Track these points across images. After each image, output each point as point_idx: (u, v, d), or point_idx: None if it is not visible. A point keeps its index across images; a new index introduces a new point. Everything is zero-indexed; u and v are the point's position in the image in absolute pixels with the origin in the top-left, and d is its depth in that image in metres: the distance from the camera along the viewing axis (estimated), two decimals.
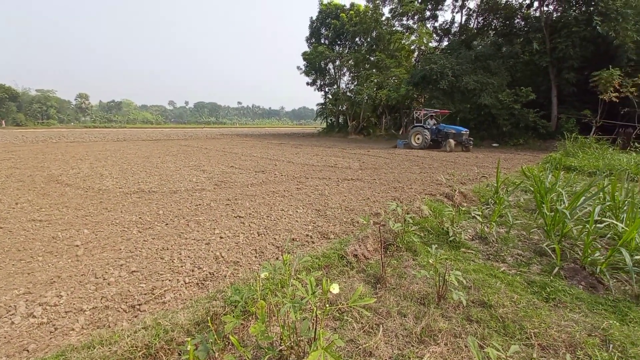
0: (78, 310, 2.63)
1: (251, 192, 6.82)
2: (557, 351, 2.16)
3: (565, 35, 19.38)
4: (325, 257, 3.27)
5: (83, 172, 9.48)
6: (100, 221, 4.90)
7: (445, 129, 18.24)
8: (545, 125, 20.37)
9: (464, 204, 5.73)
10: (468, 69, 22.10)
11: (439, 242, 4.04)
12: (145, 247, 3.89)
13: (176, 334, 2.07)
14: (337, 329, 2.37)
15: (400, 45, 30.54)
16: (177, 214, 5.28)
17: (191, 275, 3.18)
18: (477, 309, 2.60)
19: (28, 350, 2.20)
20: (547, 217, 4.00)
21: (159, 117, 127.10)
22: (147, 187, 7.30)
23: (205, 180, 8.24)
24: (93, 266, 3.40)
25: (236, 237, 4.19)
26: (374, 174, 9.30)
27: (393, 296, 2.78)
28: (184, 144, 21.61)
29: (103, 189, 7.15)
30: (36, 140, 23.49)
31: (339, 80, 36.67)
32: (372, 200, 6.05)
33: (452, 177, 8.15)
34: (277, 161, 12.25)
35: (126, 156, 13.78)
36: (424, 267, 3.29)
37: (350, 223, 4.71)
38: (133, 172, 9.55)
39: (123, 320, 2.49)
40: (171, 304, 2.68)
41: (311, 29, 37.41)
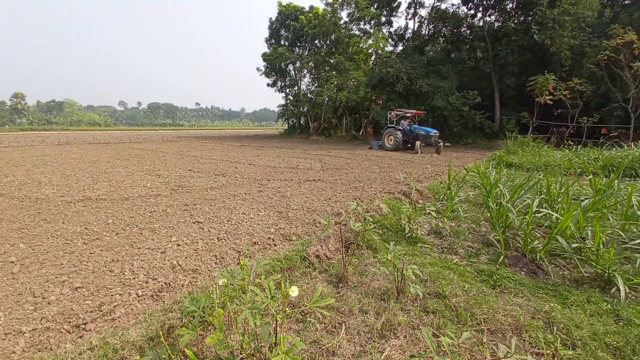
0: (17, 332, 2.36)
1: (211, 196, 6.58)
2: (505, 334, 2.34)
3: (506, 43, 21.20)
4: (287, 259, 3.26)
5: (18, 179, 8.52)
6: (38, 234, 4.45)
7: (415, 130, 18.03)
8: (490, 125, 22.12)
9: (420, 200, 6.02)
10: (421, 73, 23.33)
11: (398, 238, 4.20)
12: (91, 260, 3.60)
13: (127, 352, 1.94)
14: (300, 330, 2.37)
15: (358, 49, 31.38)
16: (129, 222, 4.95)
17: (145, 287, 3.00)
18: (433, 300, 2.74)
19: None
20: (492, 210, 4.33)
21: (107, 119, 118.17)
22: (94, 195, 6.75)
23: (160, 185, 7.81)
24: (31, 284, 3.08)
25: (195, 244, 4.03)
26: (336, 175, 9.44)
27: (355, 294, 2.84)
28: (136, 147, 20.28)
29: (42, 198, 6.49)
30: None
31: (299, 82, 36.71)
32: (334, 201, 6.14)
33: (409, 176, 8.52)
34: (238, 164, 11.96)
35: (69, 161, 12.62)
36: (384, 263, 3.40)
37: (312, 224, 4.74)
38: (77, 178, 8.77)
39: (66, 341, 2.28)
40: (122, 320, 2.51)
41: (270, 29, 37.08)
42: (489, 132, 22.16)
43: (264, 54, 34.97)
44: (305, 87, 36.77)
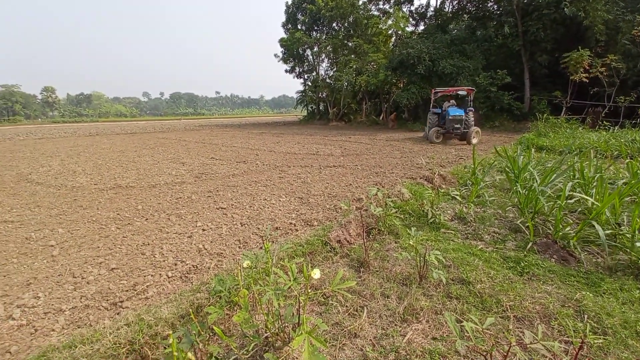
0: (57, 310, 2.56)
1: (233, 183, 6.73)
2: (532, 322, 2.29)
3: (536, 18, 19.79)
4: (309, 244, 3.30)
5: (54, 169, 9.05)
6: (75, 219, 4.73)
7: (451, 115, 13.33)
8: (519, 107, 20.98)
9: (443, 186, 5.88)
10: (444, 53, 22.31)
11: (420, 224, 4.14)
12: (124, 244, 3.80)
13: (160, 328, 2.06)
14: (322, 313, 2.42)
15: (378, 30, 30.35)
16: (157, 208, 5.16)
17: (174, 269, 3.15)
18: (457, 286, 2.71)
19: (10, 352, 2.13)
20: (520, 195, 4.17)
21: (133, 110, 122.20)
22: (124, 182, 7.07)
23: (185, 172, 8.06)
24: (70, 265, 3.30)
25: (219, 229, 4.16)
26: (356, 160, 9.36)
27: (376, 278, 2.85)
28: (161, 136, 20.93)
29: (77, 186, 6.87)
30: (2, 138, 22.11)
31: (317, 67, 36.18)
32: (355, 186, 6.11)
33: (432, 161, 8.32)
34: (258, 151, 12.10)
35: (100, 151, 13.24)
36: (406, 249, 3.38)
37: (333, 209, 4.76)
38: (108, 167, 9.20)
39: (105, 318, 2.44)
40: (154, 299, 2.65)
41: (287, 14, 36.49)
42: (517, 113, 21.06)
43: (281, 40, 34.60)
44: (324, 72, 36.22)
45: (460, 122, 13.25)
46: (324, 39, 32.75)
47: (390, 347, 2.04)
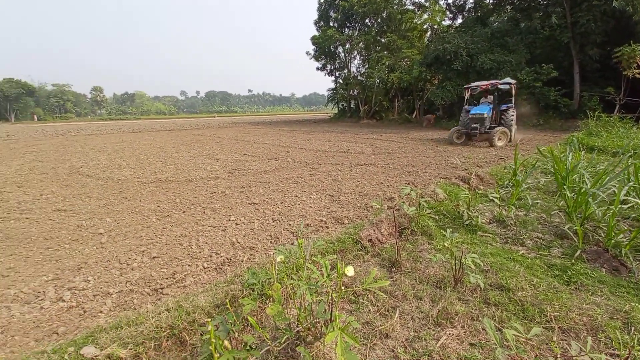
0: (105, 293, 2.75)
1: (265, 179, 6.87)
2: (578, 334, 2.13)
3: (586, 9, 18.23)
4: (340, 241, 3.29)
5: (102, 163, 9.75)
6: (120, 210, 5.07)
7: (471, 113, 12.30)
8: (567, 103, 19.48)
9: (481, 187, 5.61)
10: (484, 47, 21.19)
11: (455, 225, 3.99)
12: (164, 234, 4.01)
13: (197, 315, 2.15)
14: (353, 311, 2.40)
15: (412, 25, 29.53)
16: (194, 201, 5.39)
17: (209, 261, 3.27)
18: (495, 292, 2.58)
19: (57, 333, 2.32)
20: (568, 198, 3.88)
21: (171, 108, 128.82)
22: (164, 177, 7.46)
23: (219, 168, 8.35)
24: (117, 252, 3.54)
25: (251, 224, 4.26)
26: (388, 159, 9.19)
27: (409, 279, 2.79)
28: (196, 133, 21.85)
29: (122, 179, 7.35)
30: (56, 134, 24.22)
31: (349, 64, 35.93)
32: (386, 185, 6.00)
33: (469, 160, 7.97)
34: (289, 148, 12.26)
35: (142, 147, 14.07)
36: (440, 250, 3.27)
37: (364, 208, 4.71)
38: (149, 162, 9.76)
39: (147, 302, 2.59)
40: (191, 288, 2.77)
41: (319, 11, 36.50)
42: (565, 111, 19.56)
43: (313, 37, 34.71)
44: (355, 69, 35.91)
45: (481, 122, 11.92)
46: (356, 36, 32.44)
47: (423, 351, 1.98)
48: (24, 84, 75.54)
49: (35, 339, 2.27)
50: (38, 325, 2.40)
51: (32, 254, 3.59)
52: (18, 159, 11.09)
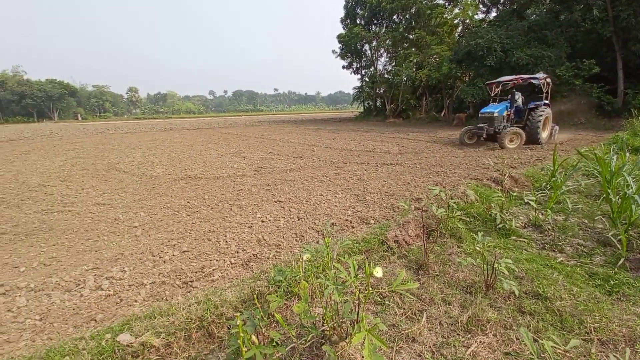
0: (139, 284, 2.88)
1: (290, 178, 6.93)
2: (617, 346, 1.98)
3: (626, 3, 16.83)
4: (366, 241, 3.25)
5: (137, 160, 10.26)
6: (153, 205, 5.30)
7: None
8: (611, 101, 18.12)
9: (515, 189, 5.34)
10: (520, 42, 20.11)
11: (486, 229, 3.82)
12: (194, 229, 4.15)
13: (225, 309, 2.20)
14: (379, 313, 2.36)
15: (442, 20, 28.57)
16: (221, 198, 5.53)
17: (236, 256, 3.34)
18: (531, 301, 2.44)
19: (95, 320, 2.45)
20: (613, 203, 3.60)
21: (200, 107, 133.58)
22: (193, 174, 7.72)
23: (245, 166, 8.53)
24: (150, 245, 3.70)
25: (277, 221, 4.31)
26: (414, 158, 8.98)
27: (437, 283, 2.70)
28: (224, 131, 22.46)
29: (154, 175, 7.69)
30: (95, 132, 25.78)
31: (376, 62, 35.47)
32: (413, 185, 5.87)
33: (501, 161, 7.62)
34: (314, 147, 12.30)
35: (173, 145, 14.65)
36: (470, 254, 3.14)
37: (390, 208, 4.62)
38: (180, 159, 10.14)
39: (178, 294, 2.69)
40: (219, 282, 2.85)
41: (346, 9, 36.31)
42: (608, 109, 18.21)
43: (339, 35, 34.60)
44: (382, 67, 35.40)
45: (490, 121, 11.03)
46: (383, 33, 31.95)
47: (452, 357, 1.92)
48: (67, 85, 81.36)
49: (74, 325, 2.41)
50: (77, 312, 2.56)
51: (73, 245, 3.83)
52: (61, 155, 11.91)
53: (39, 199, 5.82)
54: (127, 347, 1.88)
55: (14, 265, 3.33)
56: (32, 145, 16.37)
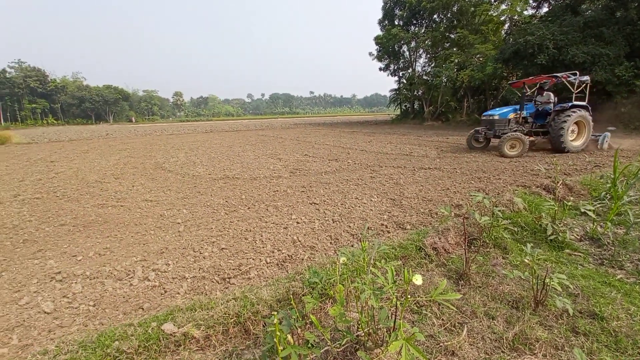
0: (182, 277, 3.04)
1: (325, 180, 6.95)
2: None
3: None
4: (402, 247, 3.16)
5: (180, 160, 10.87)
6: (194, 203, 5.57)
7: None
8: None
9: (570, 198, 4.91)
10: (575, 38, 18.55)
11: (536, 240, 3.56)
12: (231, 228, 4.30)
13: (261, 307, 2.24)
14: (415, 322, 2.28)
15: (487, 18, 27.20)
16: (258, 199, 5.68)
17: (271, 256, 3.40)
18: (585, 320, 2.23)
19: (143, 308, 2.62)
20: None
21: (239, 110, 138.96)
22: (231, 174, 8.01)
23: (281, 168, 8.69)
24: (191, 241, 3.89)
25: (312, 223, 4.33)
26: (454, 163, 8.61)
27: (479, 295, 2.55)
28: (261, 134, 23.11)
29: (196, 175, 8.09)
30: (144, 133, 27.73)
31: (414, 63, 34.63)
32: (453, 191, 5.62)
33: (554, 167, 7.05)
34: (350, 149, 12.24)
35: (213, 146, 15.34)
36: (517, 267, 2.94)
37: (428, 214, 4.46)
38: (219, 160, 10.59)
39: (216, 290, 2.80)
40: (255, 281, 2.92)
41: (384, 10, 35.86)
42: None
43: (377, 37, 34.23)
44: (421, 68, 34.49)
45: (491, 125, 10.45)
46: (422, 33, 31.13)
47: None
48: (121, 90, 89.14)
49: (123, 312, 2.59)
50: (127, 300, 2.75)
51: (124, 237, 4.13)
52: (115, 155, 12.95)
53: (95, 194, 6.36)
54: (170, 336, 1.99)
55: (72, 254, 3.66)
56: (90, 145, 17.98)
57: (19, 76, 75.22)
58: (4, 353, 2.15)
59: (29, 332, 2.37)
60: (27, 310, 2.63)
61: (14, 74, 75.59)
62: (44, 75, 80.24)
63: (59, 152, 14.67)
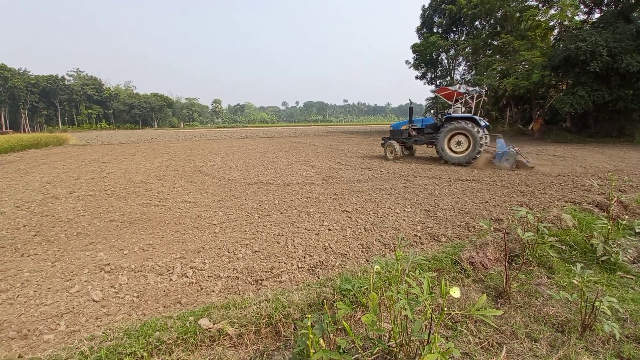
0: (217, 276, 3.16)
1: (357, 188, 6.92)
2: None
3: None
4: (437, 260, 3.06)
5: (217, 164, 11.35)
6: (229, 206, 5.78)
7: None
8: None
9: (624, 216, 4.49)
10: (629, 46, 17.10)
11: (586, 260, 3.29)
12: (264, 231, 4.40)
13: (292, 310, 2.27)
14: (450, 338, 2.19)
15: (535, 23, 25.80)
16: (290, 204, 5.77)
17: (303, 261, 3.44)
18: (632, 345, 2.05)
19: (181, 303, 2.76)
20: None
21: (273, 117, 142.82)
22: (265, 179, 8.23)
23: (314, 174, 8.78)
24: (226, 242, 4.04)
25: (343, 231, 4.33)
26: (494, 175, 8.20)
27: (520, 315, 2.40)
28: (294, 141, 23.52)
29: (231, 179, 8.40)
30: (185, 138, 29.33)
31: (452, 72, 33.70)
32: (492, 205, 5.35)
33: (608, 182, 6.49)
34: (383, 159, 12.10)
35: (248, 152, 15.86)
36: (564, 288, 2.73)
37: (464, 227, 4.29)
38: (253, 165, 10.92)
39: (249, 290, 2.88)
40: (286, 284, 2.96)
41: (422, 18, 35.39)
42: None
43: (414, 45, 33.77)
44: (460, 76, 33.43)
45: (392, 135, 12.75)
46: (462, 40, 30.23)
47: None
48: (166, 98, 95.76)
49: (163, 305, 2.74)
50: (167, 294, 2.90)
51: (165, 235, 4.38)
52: (159, 157, 13.82)
53: (140, 194, 6.82)
54: (206, 331, 2.07)
55: (119, 248, 3.94)
56: (137, 148, 19.34)
57: (77, 84, 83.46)
58: (50, 339, 2.33)
59: (77, 318, 2.57)
60: (77, 298, 2.86)
61: (72, 82, 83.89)
62: (99, 84, 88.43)
63: (110, 154, 15.94)
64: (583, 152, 13.80)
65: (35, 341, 2.32)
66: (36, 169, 10.97)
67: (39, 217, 5.23)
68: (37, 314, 2.63)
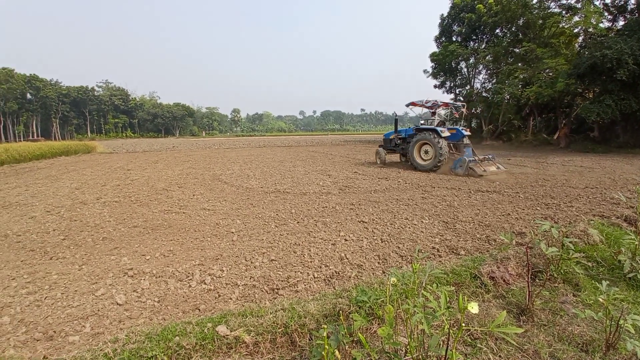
0: (234, 284, 3.22)
1: (374, 199, 6.89)
2: None
3: None
4: (455, 274, 3.00)
5: (235, 173, 11.58)
6: (247, 214, 5.87)
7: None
8: None
9: None
10: None
11: (613, 278, 3.13)
12: (281, 240, 4.45)
13: (307, 320, 2.28)
14: (469, 355, 2.13)
15: (558, 30, 25.16)
16: (307, 213, 5.81)
17: (319, 271, 3.45)
18: None
19: (199, 309, 2.82)
20: None
21: (291, 126, 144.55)
22: (282, 188, 8.32)
23: (330, 184, 8.80)
24: (243, 250, 4.10)
25: (360, 242, 4.31)
26: (517, 186, 7.97)
27: (543, 334, 2.31)
28: (311, 150, 23.70)
29: (249, 187, 8.55)
30: (205, 147, 30.12)
31: (472, 80, 33.20)
32: (514, 217, 5.19)
33: (637, 195, 6.18)
34: (400, 169, 12.00)
35: (265, 160, 16.11)
36: (590, 306, 2.61)
37: (485, 240, 4.18)
38: (271, 174, 11.07)
39: (266, 299, 2.91)
40: (302, 294, 2.98)
41: (441, 27, 35.20)
42: None
43: (433, 54, 33.58)
44: (480, 85, 32.91)
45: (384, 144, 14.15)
46: (482, 49, 29.82)
47: None
48: (187, 108, 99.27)
49: (183, 310, 2.81)
50: (186, 300, 2.98)
51: (185, 242, 4.50)
52: (180, 165, 14.25)
53: (162, 201, 7.05)
54: (223, 338, 2.11)
55: (142, 253, 4.08)
56: (159, 156, 20.02)
57: (105, 94, 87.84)
58: (75, 341, 2.43)
59: (102, 321, 2.68)
60: (102, 301, 2.98)
61: (101, 92, 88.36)
62: (126, 94, 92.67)
63: (134, 161, 16.59)
64: (612, 162, 13.19)
65: (60, 342, 2.43)
66: (66, 175, 11.56)
67: (68, 222, 5.50)
68: (64, 316, 2.76)
